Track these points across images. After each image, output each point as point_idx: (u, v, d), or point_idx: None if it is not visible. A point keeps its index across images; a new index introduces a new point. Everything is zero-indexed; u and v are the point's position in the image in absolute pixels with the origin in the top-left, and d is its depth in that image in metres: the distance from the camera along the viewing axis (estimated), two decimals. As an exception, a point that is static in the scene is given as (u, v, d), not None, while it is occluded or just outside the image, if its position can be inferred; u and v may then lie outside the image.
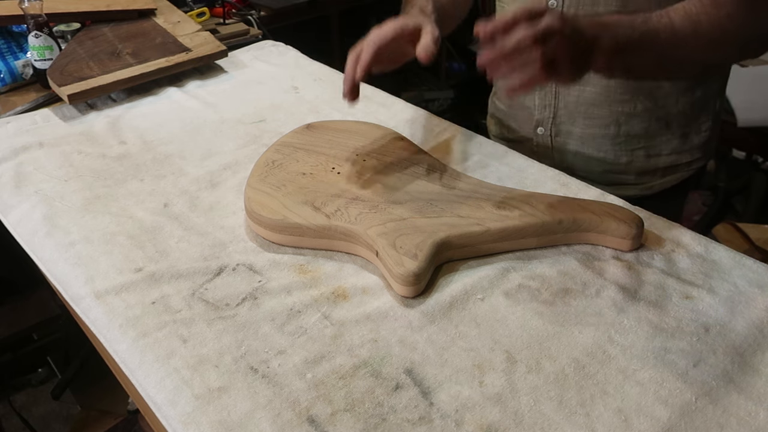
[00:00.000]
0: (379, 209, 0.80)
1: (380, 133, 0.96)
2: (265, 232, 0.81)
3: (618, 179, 1.05)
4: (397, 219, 0.78)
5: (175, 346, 0.68)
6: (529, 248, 0.79)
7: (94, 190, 0.93)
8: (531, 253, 0.79)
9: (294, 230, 0.79)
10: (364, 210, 0.80)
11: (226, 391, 0.63)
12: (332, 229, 0.78)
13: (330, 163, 0.89)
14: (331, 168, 0.88)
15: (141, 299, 0.74)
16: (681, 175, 1.07)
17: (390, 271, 0.73)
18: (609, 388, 0.62)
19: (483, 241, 0.77)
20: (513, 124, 1.13)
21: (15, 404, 1.81)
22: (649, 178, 1.06)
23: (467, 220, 0.78)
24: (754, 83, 2.06)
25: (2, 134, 1.08)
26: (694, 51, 0.80)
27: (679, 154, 1.05)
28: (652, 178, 1.06)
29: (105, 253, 0.81)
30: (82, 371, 1.83)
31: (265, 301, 0.73)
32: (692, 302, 0.72)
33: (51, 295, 1.81)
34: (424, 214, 0.79)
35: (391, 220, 0.78)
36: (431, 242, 0.75)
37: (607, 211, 0.79)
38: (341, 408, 0.61)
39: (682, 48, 0.79)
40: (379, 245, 0.75)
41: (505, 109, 1.14)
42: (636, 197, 1.03)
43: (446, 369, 0.65)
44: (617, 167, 1.05)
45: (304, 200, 0.82)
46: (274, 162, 0.90)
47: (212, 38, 1.32)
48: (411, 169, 0.88)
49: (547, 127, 1.06)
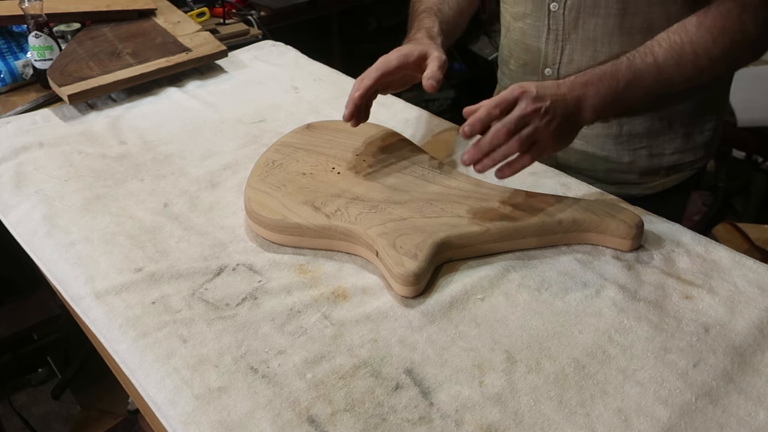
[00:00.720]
0: (378, 209, 0.80)
1: (380, 133, 0.96)
2: (265, 232, 0.82)
3: (621, 178, 1.06)
4: (397, 219, 0.79)
5: (175, 346, 0.68)
6: (529, 248, 0.80)
7: (94, 190, 0.93)
8: (531, 253, 0.79)
9: (294, 230, 0.80)
10: (363, 210, 0.80)
11: (226, 391, 0.63)
12: (332, 229, 0.78)
13: (330, 163, 0.89)
14: (331, 168, 0.89)
15: (141, 299, 0.74)
16: (684, 174, 1.07)
17: (390, 271, 0.73)
18: (609, 388, 0.63)
19: (483, 241, 0.78)
20: None
21: (15, 404, 1.81)
22: (652, 177, 1.06)
23: (467, 220, 0.79)
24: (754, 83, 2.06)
25: (2, 134, 1.08)
26: (683, 82, 0.81)
27: (682, 153, 1.05)
28: (655, 177, 1.06)
29: (105, 253, 0.81)
30: (82, 371, 1.83)
31: (265, 301, 0.74)
32: (692, 302, 0.72)
33: (51, 295, 1.81)
34: (424, 214, 0.79)
35: (391, 220, 0.78)
36: (431, 242, 0.75)
37: (606, 212, 0.79)
38: (341, 408, 0.61)
39: (670, 84, 0.81)
40: (379, 245, 0.75)
41: None
42: (639, 196, 1.04)
43: (446, 369, 0.65)
44: (620, 166, 1.05)
45: (304, 200, 0.82)
46: (274, 162, 0.90)
47: (212, 38, 1.33)
48: (411, 169, 0.88)
49: None
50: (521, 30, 1.04)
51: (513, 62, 1.09)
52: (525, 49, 1.05)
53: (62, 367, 1.90)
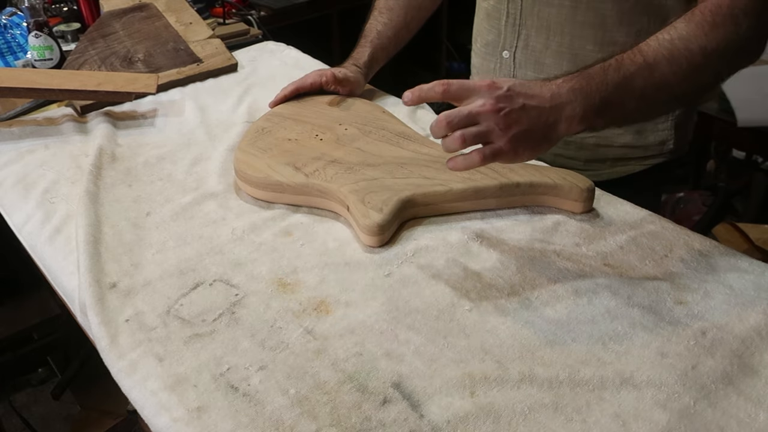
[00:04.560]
0: (353, 170, 0.91)
1: (366, 108, 1.07)
2: (250, 189, 0.94)
3: (567, 164, 1.09)
4: (369, 179, 0.89)
5: (150, 367, 0.69)
6: (489, 209, 0.89)
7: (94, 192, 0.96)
8: (520, 261, 0.81)
9: (275, 187, 0.91)
10: (339, 171, 0.91)
11: (206, 411, 0.64)
12: (309, 187, 0.90)
13: (314, 131, 1.01)
14: (315, 135, 1.01)
15: (114, 317, 0.75)
16: (632, 168, 1.11)
17: (357, 222, 0.84)
18: (605, 393, 0.64)
19: (445, 200, 0.88)
20: None
21: (15, 404, 1.88)
22: (599, 165, 1.11)
23: (432, 180, 0.89)
24: (754, 83, 2.09)
25: (7, 137, 1.12)
26: (681, 81, 0.80)
27: (631, 149, 1.10)
28: (602, 166, 1.11)
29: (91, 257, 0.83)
30: (82, 371, 1.88)
31: (243, 315, 0.74)
32: (689, 304, 0.73)
33: (51, 295, 1.85)
34: (394, 175, 0.90)
35: (363, 180, 0.89)
36: (397, 199, 0.85)
37: (562, 176, 0.89)
38: (326, 423, 0.62)
39: (665, 84, 0.79)
40: (350, 201, 0.86)
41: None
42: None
43: (436, 381, 0.66)
44: (567, 152, 1.11)
45: (287, 162, 0.94)
46: (263, 129, 1.02)
47: (223, 48, 1.37)
48: (388, 137, 1.00)
49: None
50: (486, 10, 1.12)
51: (480, 40, 1.16)
52: (488, 30, 1.12)
53: (62, 367, 1.95)
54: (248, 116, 1.15)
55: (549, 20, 1.03)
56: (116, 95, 1.14)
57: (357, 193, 0.86)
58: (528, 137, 0.74)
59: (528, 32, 1.06)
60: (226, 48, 1.37)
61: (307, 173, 0.91)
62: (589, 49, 1.01)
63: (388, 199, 0.85)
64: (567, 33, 1.02)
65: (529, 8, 1.04)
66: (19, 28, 1.51)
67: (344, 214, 0.89)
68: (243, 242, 0.85)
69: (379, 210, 0.83)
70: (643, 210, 0.89)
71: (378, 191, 0.87)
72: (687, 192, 2.27)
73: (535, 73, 1.08)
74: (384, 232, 0.83)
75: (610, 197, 0.92)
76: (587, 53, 1.01)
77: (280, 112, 1.07)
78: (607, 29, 0.98)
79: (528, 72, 1.09)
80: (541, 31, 1.04)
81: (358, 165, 0.93)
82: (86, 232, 0.86)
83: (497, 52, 1.11)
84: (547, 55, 1.05)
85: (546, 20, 1.03)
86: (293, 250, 0.84)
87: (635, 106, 0.79)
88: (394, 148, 0.97)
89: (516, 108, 0.73)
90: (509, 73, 1.11)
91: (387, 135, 1.00)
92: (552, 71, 1.05)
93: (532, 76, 1.08)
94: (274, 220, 0.89)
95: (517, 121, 0.73)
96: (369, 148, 0.97)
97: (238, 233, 0.87)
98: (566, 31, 1.02)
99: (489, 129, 0.73)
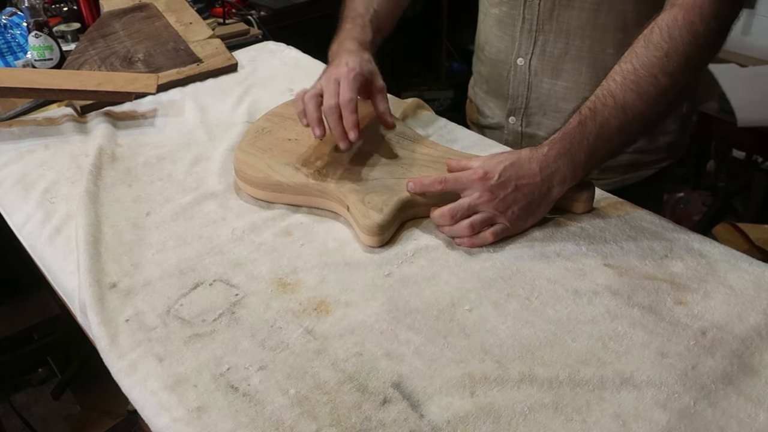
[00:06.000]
0: (353, 170, 0.92)
1: (366, 109, 1.05)
2: (250, 189, 0.94)
3: None
4: (370, 179, 0.91)
5: (150, 367, 0.69)
6: None
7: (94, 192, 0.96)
8: (520, 261, 0.81)
9: (275, 187, 0.91)
10: (339, 171, 0.92)
11: (206, 411, 0.64)
12: (309, 187, 0.90)
13: None
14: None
15: (114, 317, 0.75)
16: (643, 173, 1.11)
17: (357, 223, 0.84)
18: (605, 393, 0.64)
19: (446, 201, 0.86)
20: (488, 110, 1.20)
21: (15, 404, 1.89)
22: (611, 174, 1.10)
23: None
24: (754, 83, 2.10)
25: (7, 137, 1.12)
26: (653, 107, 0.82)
27: (642, 154, 1.09)
28: (614, 174, 1.10)
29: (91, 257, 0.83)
30: (82, 371, 1.88)
31: (243, 315, 0.74)
32: (689, 304, 0.74)
33: (51, 295, 1.85)
34: (394, 175, 0.91)
35: (364, 180, 0.90)
36: (397, 199, 0.86)
37: None
38: (326, 423, 0.62)
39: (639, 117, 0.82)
40: (350, 201, 0.86)
41: (482, 95, 1.21)
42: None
43: (436, 381, 0.66)
44: None
45: (287, 162, 0.94)
46: (263, 129, 1.02)
47: (223, 48, 1.37)
48: (388, 138, 1.00)
49: (518, 117, 1.12)
50: (497, 17, 1.09)
51: (488, 48, 1.14)
52: (499, 37, 1.10)
53: (62, 367, 1.96)
54: (248, 116, 1.15)
55: (569, 24, 1.00)
56: (116, 95, 1.15)
57: (357, 193, 0.87)
58: (527, 210, 0.83)
59: (546, 38, 1.03)
60: (226, 48, 1.37)
61: (307, 173, 0.92)
62: (610, 53, 1.00)
63: (388, 199, 0.86)
64: (587, 37, 1.00)
65: (547, 12, 1.01)
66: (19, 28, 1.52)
67: (344, 214, 0.89)
68: (243, 242, 0.86)
69: (379, 210, 0.84)
70: (643, 210, 0.89)
71: (378, 191, 0.87)
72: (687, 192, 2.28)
73: (552, 80, 1.06)
74: (384, 232, 0.83)
75: (611, 197, 0.92)
76: (607, 57, 1.00)
77: (280, 112, 1.08)
78: (627, 32, 0.96)
79: (544, 79, 1.07)
80: (559, 36, 1.02)
81: (358, 165, 0.93)
82: (86, 232, 0.86)
83: (510, 59, 1.09)
84: (565, 61, 1.04)
85: (566, 24, 1.01)
86: (293, 250, 0.84)
87: (618, 142, 0.84)
88: (395, 148, 0.97)
89: (509, 192, 0.82)
90: (524, 80, 1.08)
91: (387, 135, 1.00)
92: (570, 78, 1.04)
93: (548, 84, 1.06)
94: (274, 220, 0.89)
95: (514, 201, 0.82)
96: (369, 148, 0.97)
97: (238, 233, 0.87)
98: (587, 35, 1.00)
99: (491, 214, 0.82)
